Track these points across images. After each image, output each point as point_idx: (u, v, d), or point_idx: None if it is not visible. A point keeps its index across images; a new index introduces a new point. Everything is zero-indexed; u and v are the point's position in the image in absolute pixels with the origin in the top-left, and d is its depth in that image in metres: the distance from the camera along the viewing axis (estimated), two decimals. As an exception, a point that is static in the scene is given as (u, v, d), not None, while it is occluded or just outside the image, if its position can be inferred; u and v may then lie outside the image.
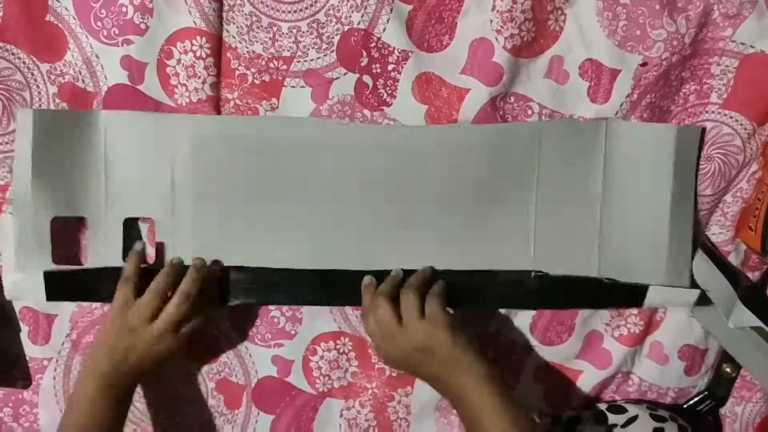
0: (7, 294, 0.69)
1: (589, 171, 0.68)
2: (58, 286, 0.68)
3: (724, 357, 0.75)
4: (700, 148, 0.68)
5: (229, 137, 0.67)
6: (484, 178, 0.68)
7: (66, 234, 0.69)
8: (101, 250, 0.69)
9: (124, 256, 0.68)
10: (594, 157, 0.67)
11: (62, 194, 0.67)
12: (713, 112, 0.67)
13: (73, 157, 0.67)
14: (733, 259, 0.71)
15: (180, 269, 0.66)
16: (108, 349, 0.64)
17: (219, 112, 0.67)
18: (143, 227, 0.70)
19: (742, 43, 0.64)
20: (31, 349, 0.73)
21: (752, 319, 0.66)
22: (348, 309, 0.72)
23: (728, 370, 0.75)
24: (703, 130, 0.67)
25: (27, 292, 0.68)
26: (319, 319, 0.73)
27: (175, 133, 0.67)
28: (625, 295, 0.70)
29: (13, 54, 0.65)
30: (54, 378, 0.73)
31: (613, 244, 0.69)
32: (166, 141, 0.67)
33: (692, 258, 0.69)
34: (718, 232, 0.70)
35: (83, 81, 0.66)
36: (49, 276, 0.67)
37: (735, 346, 0.72)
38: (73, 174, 0.67)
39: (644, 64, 0.65)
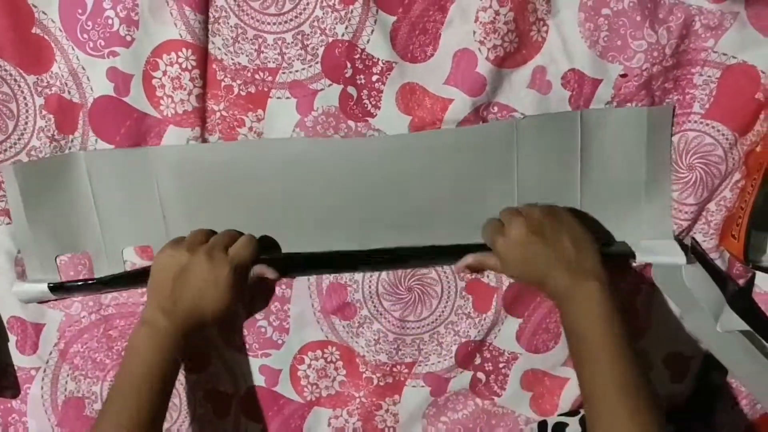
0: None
1: (568, 157, 0.68)
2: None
3: (710, 364, 0.75)
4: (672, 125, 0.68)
5: (210, 163, 0.68)
6: (466, 178, 0.69)
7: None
8: None
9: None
10: (571, 144, 0.68)
11: (60, 234, 0.71)
12: (696, 121, 0.67)
13: (63, 199, 0.69)
14: (717, 267, 0.71)
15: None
16: (154, 288, 0.64)
17: (205, 124, 0.68)
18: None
19: (724, 54, 0.65)
20: (19, 359, 0.73)
21: (740, 323, 0.67)
22: (335, 319, 0.73)
23: (714, 377, 0.75)
24: (674, 108, 0.67)
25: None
26: (307, 328, 0.73)
27: (157, 163, 0.68)
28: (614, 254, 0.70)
29: (-1, 66, 0.66)
30: (42, 387, 0.74)
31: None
32: (150, 172, 0.68)
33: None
34: (701, 240, 0.70)
35: (69, 92, 0.66)
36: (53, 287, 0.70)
37: (722, 350, 0.72)
38: (66, 214, 0.70)
39: (624, 75, 0.65)
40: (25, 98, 0.67)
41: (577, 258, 0.62)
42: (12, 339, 0.72)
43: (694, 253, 0.69)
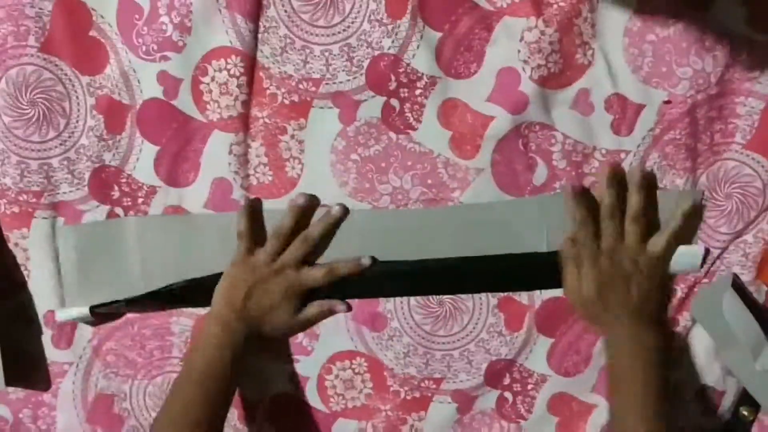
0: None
1: None
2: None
3: (742, 399, 0.74)
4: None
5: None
6: (492, 250, 0.70)
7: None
8: None
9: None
10: None
11: (104, 294, 0.72)
12: (736, 151, 0.67)
13: (112, 263, 0.72)
14: (755, 300, 0.70)
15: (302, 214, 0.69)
16: (228, 290, 0.67)
17: (248, 129, 0.69)
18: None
19: (769, 85, 0.65)
20: (53, 353, 0.74)
21: (781, 363, 0.66)
22: (365, 330, 0.73)
23: (746, 413, 0.74)
24: (702, 192, 0.68)
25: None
26: (336, 337, 0.74)
27: (203, 230, 0.71)
28: None
29: (56, 66, 0.67)
30: (74, 383, 0.75)
31: None
32: (196, 239, 0.71)
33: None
34: (739, 273, 0.70)
35: (119, 94, 0.68)
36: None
37: (760, 388, 0.71)
38: (114, 278, 0.72)
39: (668, 102, 0.65)
40: (77, 98, 0.68)
41: (643, 307, 0.66)
42: (48, 333, 0.73)
43: (735, 287, 0.68)
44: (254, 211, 0.69)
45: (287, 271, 0.67)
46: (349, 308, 0.72)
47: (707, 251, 0.69)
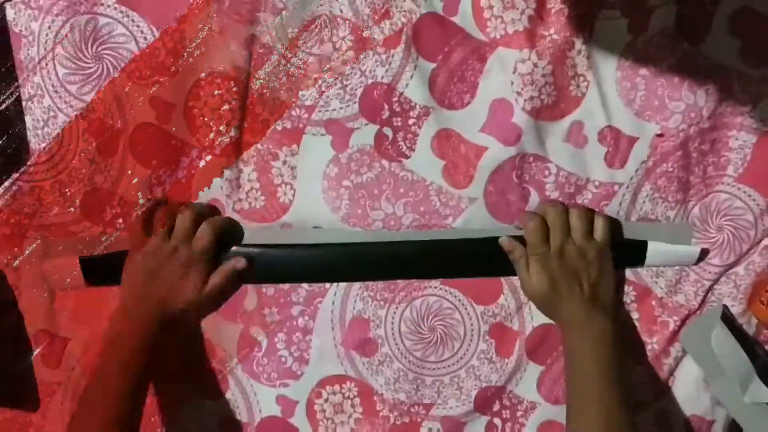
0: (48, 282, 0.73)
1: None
2: (95, 271, 0.72)
3: (732, 429, 0.74)
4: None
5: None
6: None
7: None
8: None
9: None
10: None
11: None
12: (728, 184, 0.67)
13: None
14: (744, 332, 0.71)
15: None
16: (129, 278, 0.68)
17: (240, 154, 0.69)
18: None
19: (761, 120, 0.65)
20: (43, 372, 0.74)
21: (768, 395, 0.66)
22: (356, 355, 0.73)
23: (734, 443, 0.74)
24: (692, 225, 0.69)
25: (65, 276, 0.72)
26: (327, 362, 0.73)
27: None
28: (627, 251, 0.70)
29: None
30: (62, 403, 0.74)
31: None
32: None
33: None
34: (730, 305, 0.70)
35: (112, 118, 0.68)
36: (84, 262, 0.72)
37: (748, 420, 0.71)
38: None
39: (660, 135, 0.66)
40: (70, 121, 0.68)
41: (594, 294, 0.66)
42: (37, 351, 0.73)
43: (725, 319, 0.68)
44: (154, 206, 0.70)
45: (180, 246, 0.67)
46: (250, 262, 0.70)
47: (706, 251, 0.69)
